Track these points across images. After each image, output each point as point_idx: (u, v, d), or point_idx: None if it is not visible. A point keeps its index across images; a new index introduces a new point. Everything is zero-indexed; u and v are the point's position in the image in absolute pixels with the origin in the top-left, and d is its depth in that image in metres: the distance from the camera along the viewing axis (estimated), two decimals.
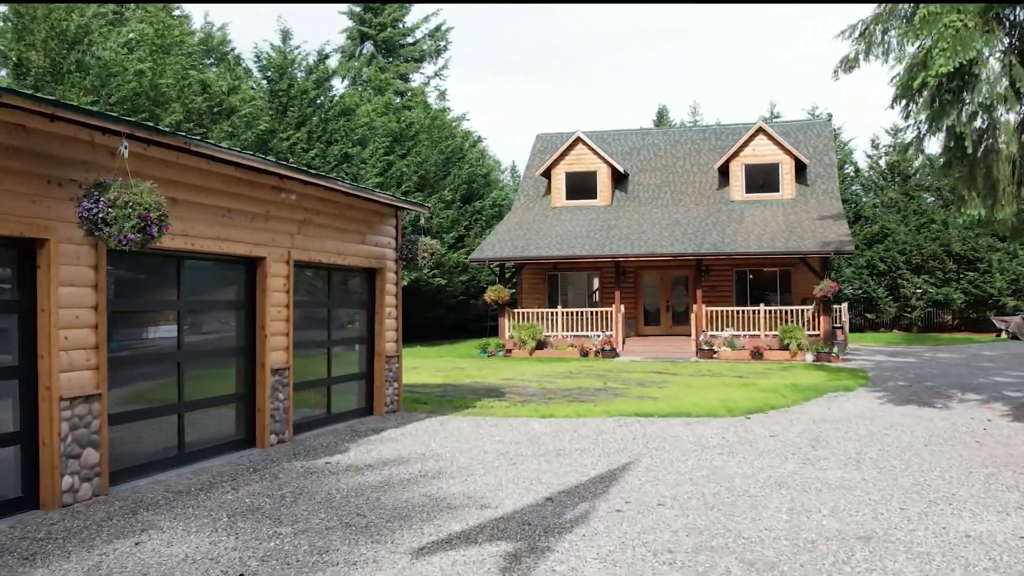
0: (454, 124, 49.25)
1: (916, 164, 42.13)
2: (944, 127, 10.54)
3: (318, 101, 32.90)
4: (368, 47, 57.27)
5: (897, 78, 11.22)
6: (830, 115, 30.17)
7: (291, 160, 29.12)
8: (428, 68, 62.21)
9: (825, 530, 6.36)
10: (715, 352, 23.69)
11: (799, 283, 26.15)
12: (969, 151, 10.56)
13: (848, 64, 11.87)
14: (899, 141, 42.42)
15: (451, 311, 39.82)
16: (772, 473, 8.38)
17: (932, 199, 40.43)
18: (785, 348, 23.46)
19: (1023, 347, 28.87)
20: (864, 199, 42.45)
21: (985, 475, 8.23)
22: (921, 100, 10.30)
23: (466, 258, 28.07)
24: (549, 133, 33.16)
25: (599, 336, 25.07)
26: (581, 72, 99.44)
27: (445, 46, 59.83)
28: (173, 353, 8.82)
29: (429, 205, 12.53)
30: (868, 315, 40.65)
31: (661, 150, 30.91)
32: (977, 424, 11.41)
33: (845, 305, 29.73)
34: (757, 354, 23.33)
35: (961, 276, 38.97)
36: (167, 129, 8.24)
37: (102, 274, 7.48)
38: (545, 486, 7.91)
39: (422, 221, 11.78)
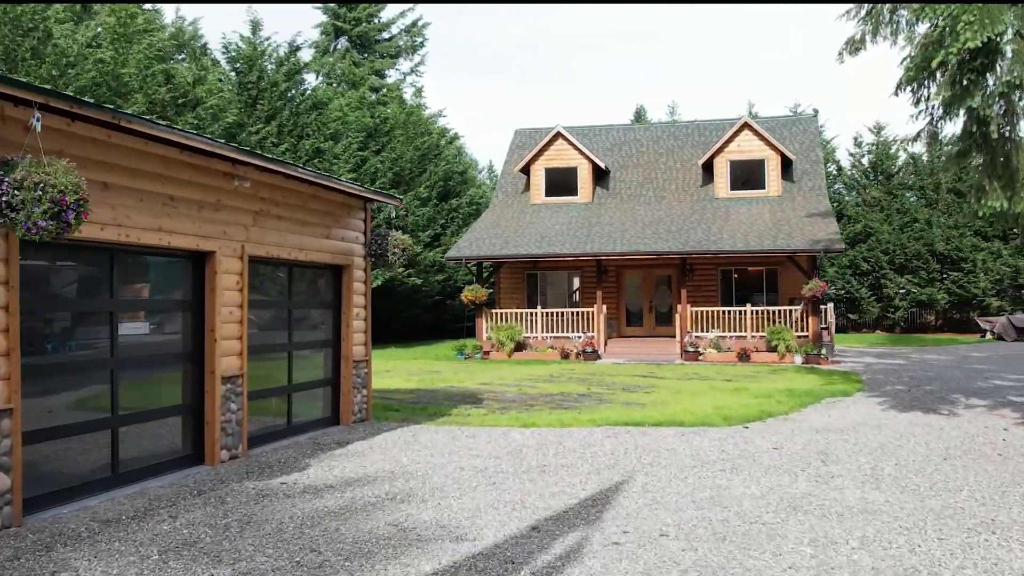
0: (430, 121, 48.24)
1: (899, 162, 41.66)
2: (964, 110, 9.71)
3: (289, 94, 31.74)
4: (343, 43, 56.01)
5: (908, 60, 10.36)
6: (816, 110, 29.50)
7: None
8: (404, 64, 61.12)
9: (860, 569, 5.43)
10: (701, 354, 22.84)
11: (786, 283, 25.39)
12: (995, 136, 9.72)
13: (854, 46, 11.03)
14: (882, 139, 41.95)
15: (427, 311, 38.79)
16: (784, 494, 7.46)
17: (915, 198, 39.91)
18: (773, 350, 22.66)
19: (1011, 348, 28.32)
20: (847, 198, 41.90)
21: (1021, 495, 7.36)
22: (938, 81, 9.45)
23: (442, 257, 27.05)
24: (528, 128, 32.22)
25: (580, 337, 24.15)
26: (558, 72, 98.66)
27: (422, 42, 58.64)
28: (105, 360, 7.75)
29: (401, 197, 11.22)
30: (851, 315, 40.07)
31: (643, 146, 30.07)
32: (994, 434, 10.57)
33: (831, 306, 29.01)
34: (744, 356, 22.51)
35: (945, 276, 38.51)
36: (92, 101, 7.16)
37: (13, 269, 6.41)
38: (530, 511, 6.94)
39: (393, 215, 10.76)
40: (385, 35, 56.52)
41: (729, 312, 23.78)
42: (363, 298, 11.91)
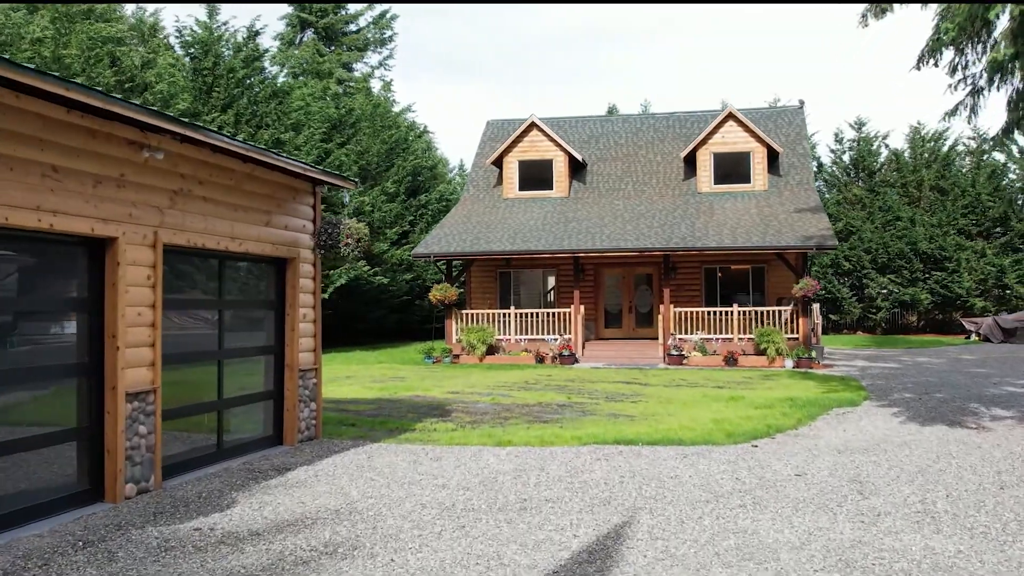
0: (399, 115, 46.53)
1: (881, 158, 40.65)
2: None
3: (247, 82, 29.86)
4: (309, 35, 54.03)
5: (942, 22, 8.91)
6: (801, 101, 28.07)
7: None
8: (372, 58, 59.28)
9: None
10: (685, 358, 21.39)
11: (773, 282, 24.05)
12: None
13: (880, 8, 9.58)
14: (863, 135, 40.92)
15: (394, 312, 37.08)
16: (828, 541, 5.94)
17: (898, 195, 38.88)
18: (762, 353, 21.27)
19: (1000, 350, 27.24)
20: (827, 195, 40.78)
21: None
22: (989, 41, 8.03)
23: (410, 255, 25.23)
24: (500, 120, 30.64)
25: (556, 340, 22.61)
26: (529, 73, 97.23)
27: (390, 36, 56.88)
28: None
29: (356, 179, 9.52)
30: (832, 316, 38.93)
31: (621, 138, 28.61)
32: None
33: (817, 306, 27.74)
34: (731, 360, 21.10)
35: (928, 276, 37.49)
36: None
37: None
38: (510, 571, 5.35)
39: (350, 205, 9.09)
40: (352, 27, 54.68)
41: (714, 313, 22.37)
42: (312, 297, 10.25)
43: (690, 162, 26.40)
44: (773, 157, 25.66)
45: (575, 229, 23.45)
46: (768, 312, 21.99)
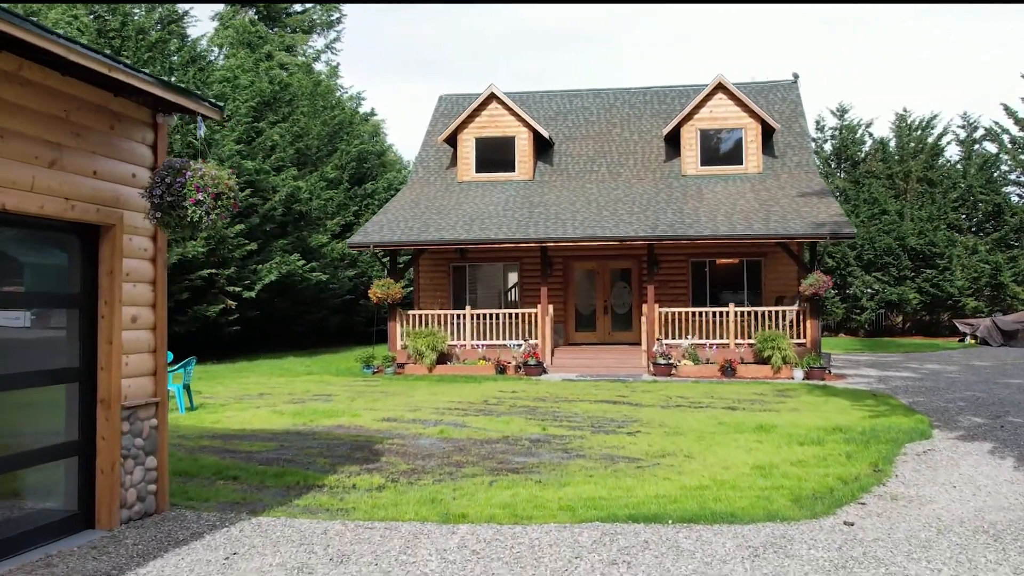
0: (347, 99, 42.57)
1: (866, 147, 37.82)
2: None
3: (162, 46, 25.74)
4: (250, 14, 49.69)
5: None
6: (796, 75, 24.84)
7: None
8: (318, 41, 55.15)
9: None
10: (674, 367, 17.93)
11: (771, 278, 20.76)
12: None
13: None
14: (846, 123, 38.06)
15: (336, 313, 33.18)
16: None
17: (884, 187, 36.04)
18: (764, 361, 17.91)
19: (1009, 354, 24.32)
20: None
21: None
22: None
23: (347, 244, 21.24)
24: (454, 94, 26.93)
25: (520, 346, 19.00)
26: (488, 74, 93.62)
27: (338, 18, 52.90)
28: None
29: (220, 104, 5.62)
30: None
31: (592, 115, 25.12)
32: None
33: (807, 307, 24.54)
34: (729, 370, 17.70)
35: (917, 274, 34.68)
36: None
37: None
38: None
39: (202, 133, 5.63)
40: (298, 7, 50.58)
41: (706, 314, 18.96)
42: (150, 289, 6.48)
43: (673, 141, 23.01)
44: (768, 136, 22.38)
45: (542, 215, 19.87)
46: (770, 313, 18.64)
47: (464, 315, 19.68)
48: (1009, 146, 35.71)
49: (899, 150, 37.25)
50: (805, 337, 18.34)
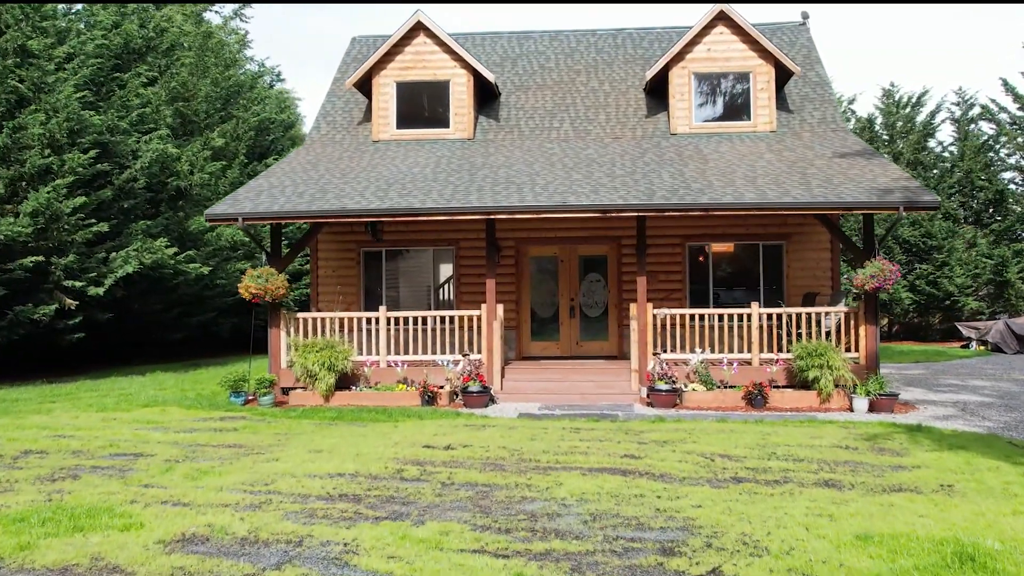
0: (248, 59, 36.18)
1: (850, 126, 33.15)
2: None
3: None
4: None
5: None
6: (805, 14, 19.66)
7: None
8: (226, 7, 48.29)
9: None
10: (680, 393, 12.46)
11: (798, 267, 15.52)
12: None
13: None
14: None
15: (228, 315, 26.88)
16: None
17: None
18: (805, 385, 12.59)
19: None
20: None
21: None
22: None
23: (205, 215, 14.53)
24: (370, 36, 21.03)
25: (457, 364, 13.30)
26: None
27: None
28: None
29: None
30: None
31: (550, 60, 19.54)
32: None
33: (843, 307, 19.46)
34: (758, 398, 12.30)
35: (911, 269, 30.14)
36: None
37: None
38: None
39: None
40: None
41: (713, 317, 13.53)
42: None
43: (657, 92, 17.61)
44: (780, 85, 17.15)
45: (488, 180, 14.19)
46: (807, 316, 13.35)
47: (378, 319, 13.86)
48: (1009, 127, 31.40)
49: (887, 129, 32.73)
50: (857, 350, 13.06)
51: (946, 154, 32.45)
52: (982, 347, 25.98)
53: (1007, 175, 32.00)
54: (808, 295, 14.90)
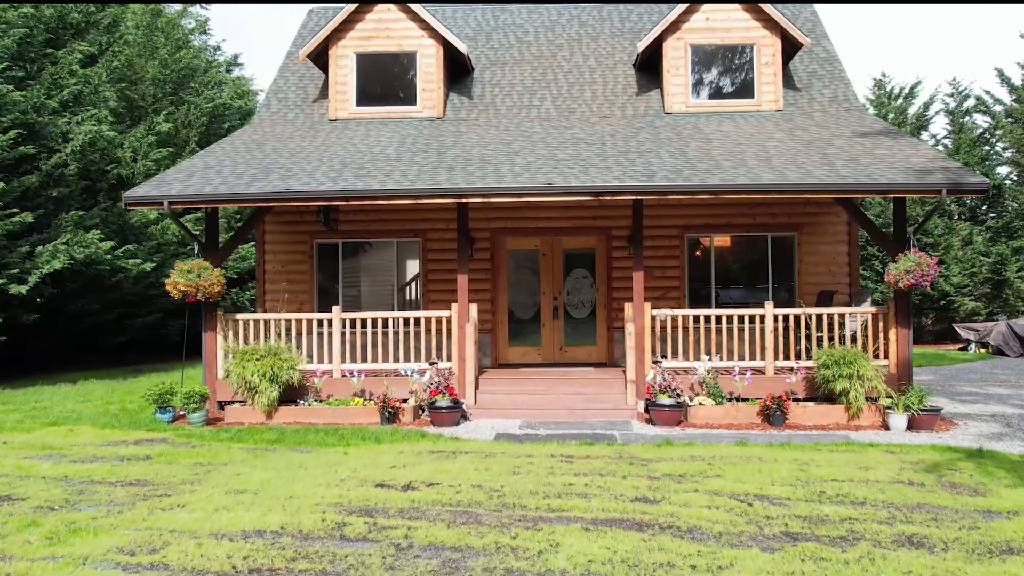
0: (204, 44, 33.89)
1: None
2: None
3: None
4: None
5: None
6: None
7: None
8: None
9: None
10: (685, 408, 10.62)
11: (811, 261, 13.77)
12: None
13: None
14: None
15: (176, 317, 24.61)
16: None
17: None
18: (830, 398, 10.81)
19: None
20: None
21: None
22: None
23: (124, 197, 12.22)
24: (328, 7, 19.01)
25: (423, 375, 11.35)
26: None
27: None
28: None
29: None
30: None
31: (528, 33, 17.66)
32: None
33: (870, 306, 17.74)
34: (776, 413, 10.48)
35: None
36: None
37: None
38: None
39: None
40: None
41: (722, 319, 11.70)
42: None
43: (649, 67, 15.79)
44: (787, 58, 15.40)
45: (459, 160, 12.25)
46: (826, 319, 11.58)
47: (331, 320, 11.87)
48: (1005, 120, 29.99)
49: (878, 113, 31.18)
50: (886, 357, 11.30)
51: (940, 147, 31.02)
52: (982, 349, 24.52)
53: (1003, 169, 30.64)
54: (823, 293, 13.14)
